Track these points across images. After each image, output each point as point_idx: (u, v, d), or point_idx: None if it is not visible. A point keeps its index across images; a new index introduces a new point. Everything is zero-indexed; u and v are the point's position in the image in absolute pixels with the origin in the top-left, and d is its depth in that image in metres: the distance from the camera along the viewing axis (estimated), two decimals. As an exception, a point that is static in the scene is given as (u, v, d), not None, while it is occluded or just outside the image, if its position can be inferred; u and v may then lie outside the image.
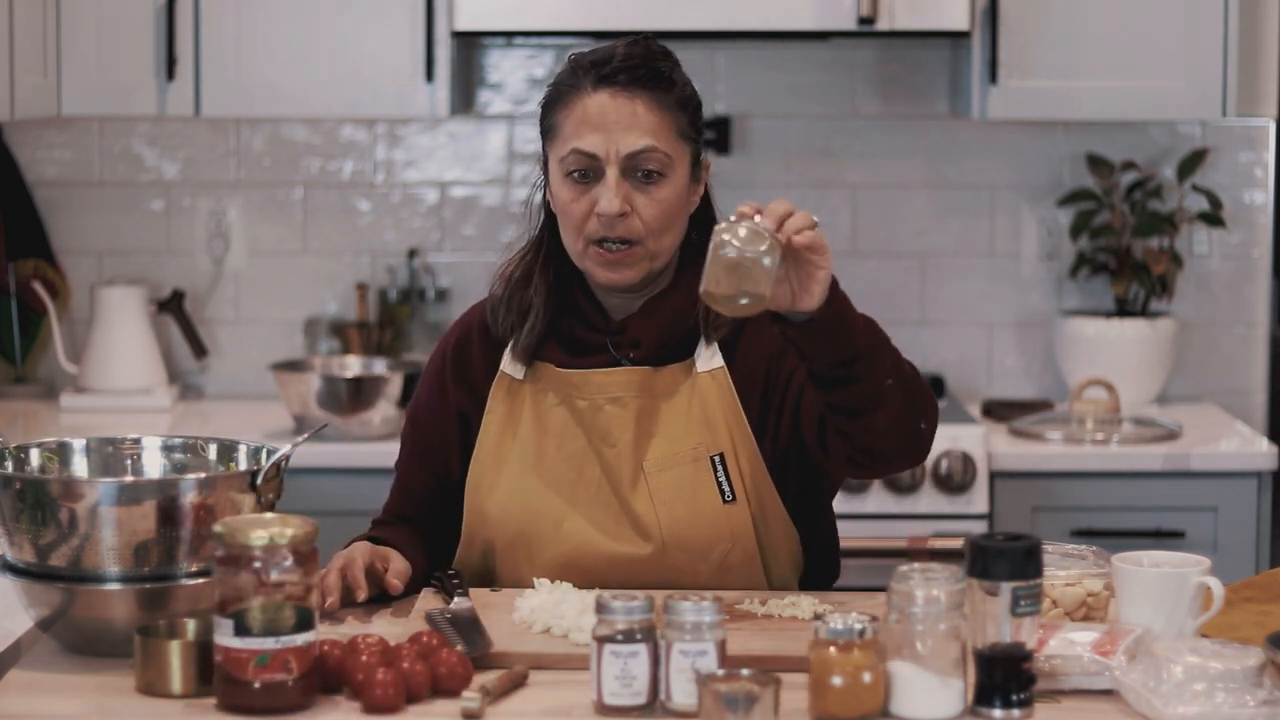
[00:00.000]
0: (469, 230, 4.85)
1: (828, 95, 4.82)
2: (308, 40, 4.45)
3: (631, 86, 2.81)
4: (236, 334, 4.87)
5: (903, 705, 2.29)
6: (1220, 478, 4.31)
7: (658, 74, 2.84)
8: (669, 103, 2.83)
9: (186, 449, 2.72)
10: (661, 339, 2.87)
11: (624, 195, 2.80)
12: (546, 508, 2.84)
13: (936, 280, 4.85)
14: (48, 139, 4.81)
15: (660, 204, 2.81)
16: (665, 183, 2.82)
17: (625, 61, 2.83)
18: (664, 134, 2.82)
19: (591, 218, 2.81)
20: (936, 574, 2.29)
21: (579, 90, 2.83)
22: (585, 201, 2.82)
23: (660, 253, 2.84)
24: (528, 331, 2.88)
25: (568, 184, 2.84)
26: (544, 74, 4.81)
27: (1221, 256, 4.84)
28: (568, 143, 2.83)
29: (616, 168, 2.80)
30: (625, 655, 2.32)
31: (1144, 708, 2.30)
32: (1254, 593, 2.72)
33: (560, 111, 2.85)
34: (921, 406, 2.71)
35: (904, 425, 2.69)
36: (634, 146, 2.80)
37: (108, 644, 2.50)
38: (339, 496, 4.23)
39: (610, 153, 2.80)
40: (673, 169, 2.83)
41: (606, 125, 2.80)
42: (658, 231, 2.82)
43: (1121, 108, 4.50)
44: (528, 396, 2.89)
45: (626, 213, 2.80)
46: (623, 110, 2.81)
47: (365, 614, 2.73)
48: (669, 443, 2.84)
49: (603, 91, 2.81)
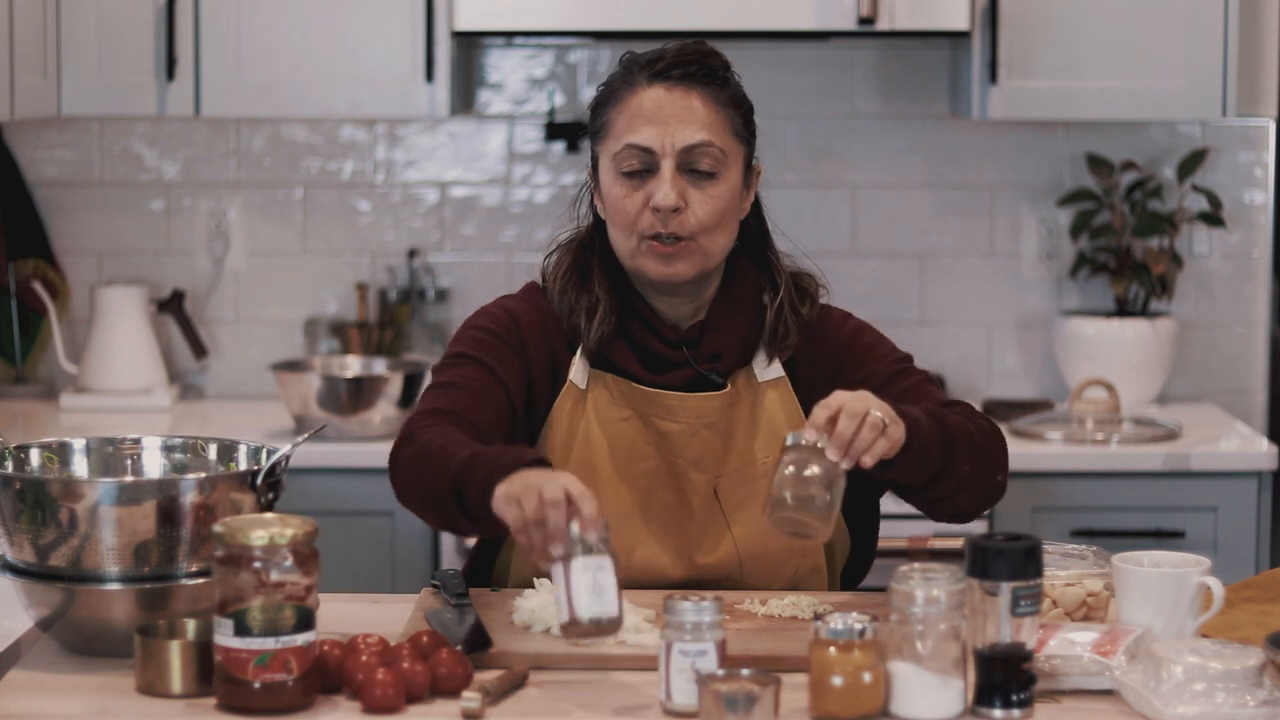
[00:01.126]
0: (469, 230, 4.85)
1: (828, 95, 4.82)
2: (308, 40, 4.45)
3: (686, 81, 2.79)
4: (236, 334, 4.87)
5: (903, 705, 2.29)
6: (1220, 478, 4.31)
7: (711, 70, 2.81)
8: (724, 99, 2.81)
9: (186, 449, 2.72)
10: (739, 349, 2.85)
11: (679, 190, 2.77)
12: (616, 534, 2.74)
13: (936, 280, 4.85)
14: (48, 139, 4.81)
15: (714, 200, 2.78)
16: (719, 180, 2.79)
17: (679, 58, 2.80)
18: (719, 130, 2.79)
19: (645, 213, 2.77)
20: (936, 574, 2.29)
21: (633, 86, 2.80)
22: (639, 197, 2.78)
23: (713, 252, 2.81)
24: (598, 324, 2.83)
25: (620, 181, 2.80)
26: (544, 74, 4.81)
27: (1221, 256, 4.84)
28: (621, 138, 2.79)
29: (672, 161, 2.77)
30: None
31: (1144, 708, 2.30)
32: (1254, 593, 2.72)
33: (613, 109, 2.81)
34: (995, 464, 2.75)
35: (981, 492, 2.74)
36: (690, 140, 2.77)
37: (108, 644, 2.50)
38: (339, 496, 4.23)
39: (665, 145, 2.77)
40: (727, 166, 2.80)
41: (662, 118, 2.77)
42: (710, 229, 2.79)
43: (1121, 108, 4.50)
44: (591, 407, 2.84)
45: (681, 208, 2.77)
46: (678, 104, 2.78)
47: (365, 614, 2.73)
48: (740, 458, 2.83)
49: (658, 86, 2.79)
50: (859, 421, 2.52)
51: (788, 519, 2.50)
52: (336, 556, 3.59)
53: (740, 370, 2.86)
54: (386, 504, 4.24)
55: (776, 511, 2.50)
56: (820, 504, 2.50)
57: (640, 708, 2.35)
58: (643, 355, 2.84)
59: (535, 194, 4.84)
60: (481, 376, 2.78)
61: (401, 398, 4.34)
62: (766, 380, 2.85)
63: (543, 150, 4.83)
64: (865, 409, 2.53)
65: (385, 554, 4.27)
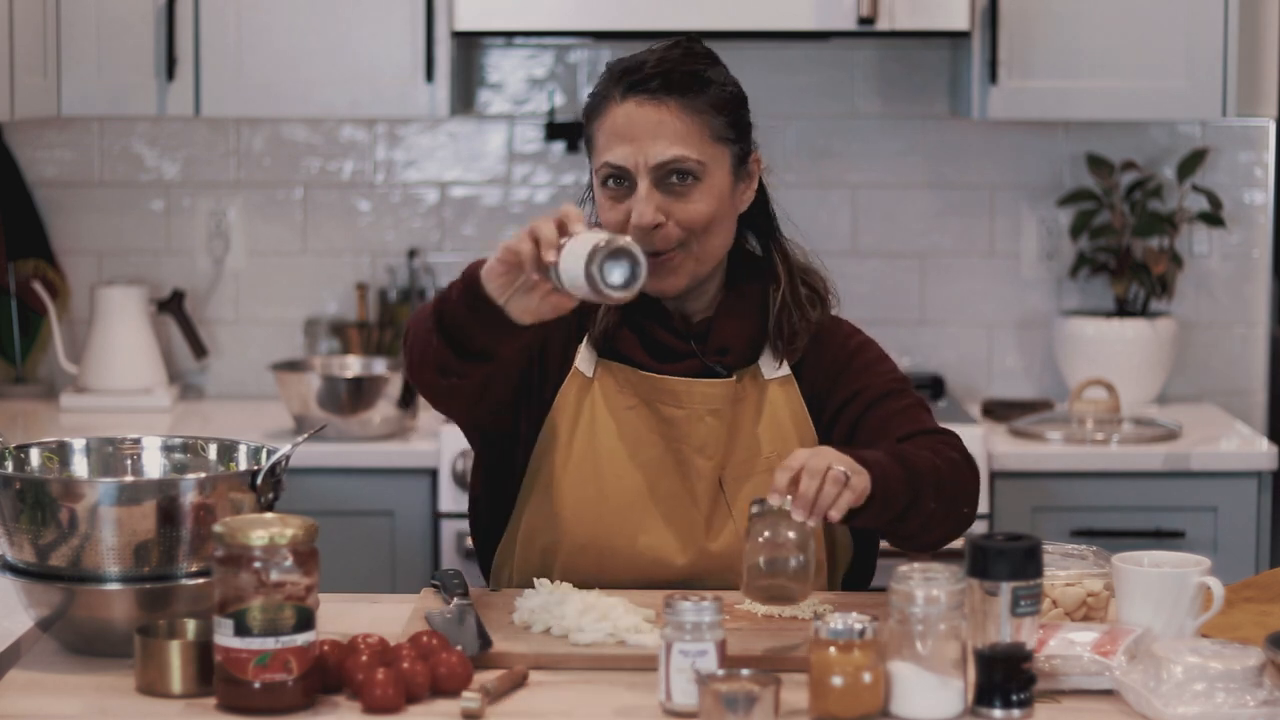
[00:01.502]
0: (469, 230, 4.85)
1: (828, 95, 4.82)
2: (308, 40, 4.45)
3: (659, 94, 2.77)
4: (236, 334, 4.87)
5: (903, 705, 2.29)
6: (1220, 478, 4.31)
7: (688, 78, 2.79)
8: (699, 106, 2.78)
9: (186, 449, 2.72)
10: (747, 344, 2.85)
11: (657, 205, 2.76)
12: (621, 520, 2.81)
13: (936, 280, 4.85)
14: (48, 139, 4.81)
15: (695, 207, 2.77)
16: (700, 188, 2.78)
17: (656, 68, 2.78)
18: (694, 140, 2.77)
19: (628, 228, 2.76)
20: (936, 574, 2.29)
21: (609, 100, 2.80)
22: (621, 212, 2.78)
23: (706, 257, 2.81)
24: (602, 316, 2.83)
25: (605, 195, 2.80)
26: (544, 74, 4.81)
27: (1221, 256, 4.84)
28: (601, 155, 2.80)
29: (647, 179, 2.76)
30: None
31: (1144, 708, 2.30)
32: (1254, 593, 2.72)
33: (595, 122, 2.82)
34: (963, 497, 2.74)
35: (948, 526, 2.74)
36: (662, 157, 2.76)
37: (108, 644, 2.50)
38: (339, 496, 4.23)
39: (639, 163, 2.76)
40: (707, 174, 2.78)
41: (634, 136, 2.76)
42: (699, 233, 2.78)
43: (1121, 108, 4.50)
44: (598, 395, 2.84)
45: (661, 223, 2.76)
46: (649, 119, 2.76)
47: (365, 614, 2.73)
48: (746, 451, 2.83)
49: (630, 101, 2.78)
50: (820, 479, 2.51)
51: (766, 587, 2.51)
52: (336, 556, 3.59)
53: (748, 368, 2.86)
54: (386, 504, 4.27)
55: (754, 581, 2.51)
56: (796, 566, 2.50)
57: (640, 708, 2.35)
58: (650, 345, 2.85)
59: (535, 194, 4.84)
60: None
61: (401, 398, 4.34)
62: (773, 378, 2.86)
63: (543, 150, 4.83)
64: (825, 465, 2.52)
65: (385, 554, 4.27)
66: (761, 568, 2.50)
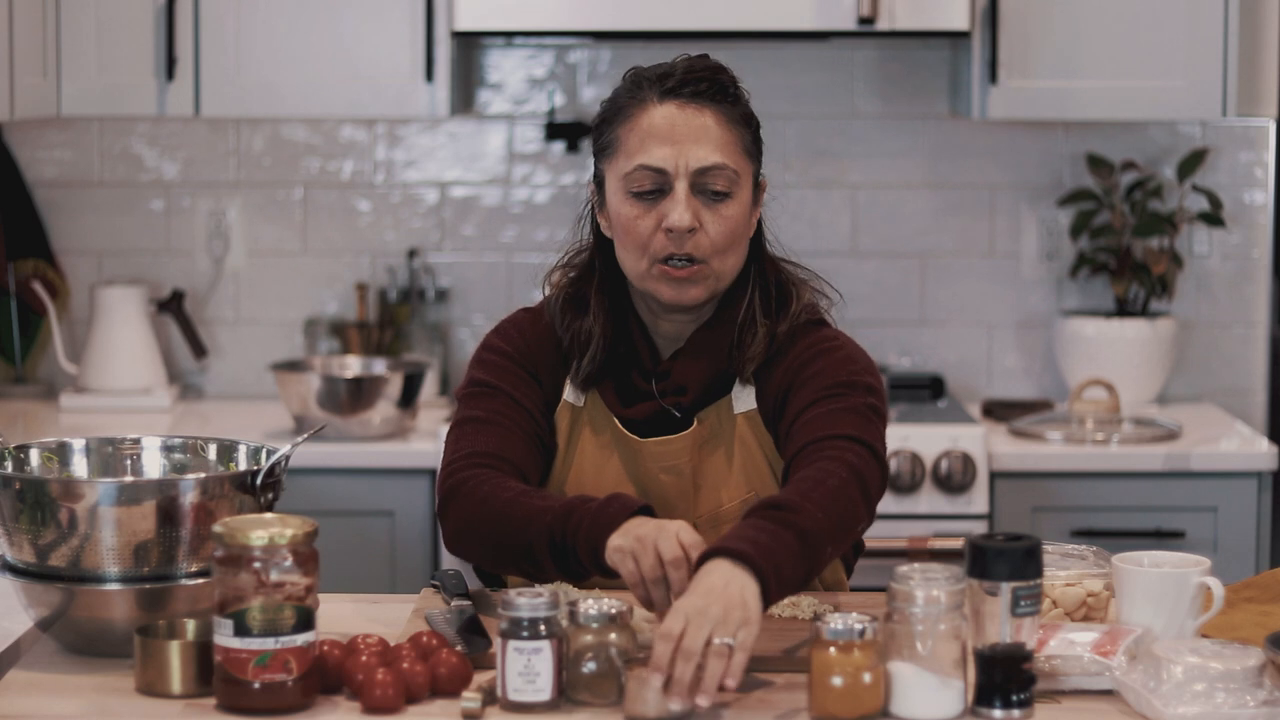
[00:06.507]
0: (469, 230, 4.85)
1: (828, 95, 4.83)
2: (308, 40, 4.45)
3: (698, 99, 2.72)
4: (236, 334, 4.87)
5: (903, 705, 2.29)
6: (1220, 478, 4.31)
7: (723, 87, 2.75)
8: (735, 117, 2.75)
9: (186, 449, 2.72)
10: (705, 383, 2.79)
11: (693, 211, 2.71)
12: None
13: (936, 280, 4.85)
14: (47, 139, 4.81)
15: (728, 221, 2.72)
16: (732, 201, 2.73)
17: (689, 74, 2.73)
18: (731, 150, 2.73)
19: (658, 235, 2.71)
20: (936, 574, 2.29)
21: (643, 103, 2.73)
22: (651, 218, 2.72)
23: (725, 274, 2.76)
24: (588, 361, 2.79)
25: (631, 201, 2.73)
26: (544, 74, 4.81)
27: (1221, 256, 4.84)
28: (632, 158, 2.72)
29: (686, 182, 2.70)
30: (529, 652, 2.31)
31: (1144, 708, 2.30)
32: (1254, 593, 2.72)
33: (621, 126, 2.74)
34: (854, 518, 2.60)
35: (843, 548, 2.61)
36: (704, 162, 2.71)
37: (108, 644, 2.50)
38: (339, 496, 4.23)
39: (679, 166, 2.70)
40: (739, 187, 2.74)
41: (675, 138, 2.70)
42: (723, 251, 2.73)
43: (1121, 108, 4.50)
44: (586, 427, 2.82)
45: (696, 228, 2.71)
46: (692, 123, 2.71)
47: (365, 614, 2.73)
48: (717, 492, 2.79)
49: (669, 103, 2.72)
50: (698, 656, 2.28)
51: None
52: (336, 556, 3.59)
53: (718, 403, 2.81)
54: (386, 504, 4.27)
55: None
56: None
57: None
58: (619, 384, 2.81)
59: (535, 194, 4.84)
60: (505, 408, 2.78)
61: (401, 398, 4.34)
62: (742, 412, 2.80)
63: (543, 150, 4.83)
64: (704, 636, 2.29)
65: (385, 554, 4.27)
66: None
